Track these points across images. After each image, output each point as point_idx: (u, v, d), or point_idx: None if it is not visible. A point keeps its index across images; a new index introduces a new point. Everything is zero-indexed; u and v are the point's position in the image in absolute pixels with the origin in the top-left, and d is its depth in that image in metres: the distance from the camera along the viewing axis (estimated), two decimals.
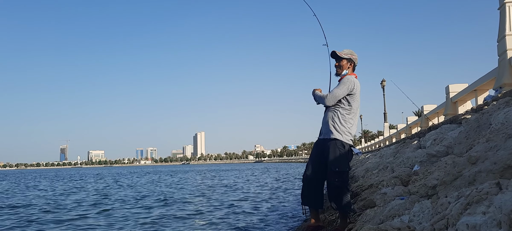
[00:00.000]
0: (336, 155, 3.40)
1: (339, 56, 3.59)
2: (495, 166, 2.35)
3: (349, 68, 3.62)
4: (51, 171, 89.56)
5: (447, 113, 10.59)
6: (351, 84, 3.46)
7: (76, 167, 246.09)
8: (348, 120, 3.49)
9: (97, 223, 6.71)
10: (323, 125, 3.60)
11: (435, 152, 4.97)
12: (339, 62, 3.61)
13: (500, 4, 7.43)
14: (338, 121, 3.47)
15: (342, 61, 3.59)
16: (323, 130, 3.57)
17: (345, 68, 3.60)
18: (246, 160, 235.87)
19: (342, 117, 3.48)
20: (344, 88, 3.44)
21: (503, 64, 7.12)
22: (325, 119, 3.57)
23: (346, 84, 3.45)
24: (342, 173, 3.38)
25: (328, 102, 3.45)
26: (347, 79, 3.49)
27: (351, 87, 3.46)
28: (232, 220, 6.55)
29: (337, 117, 3.48)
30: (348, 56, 3.59)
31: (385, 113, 28.63)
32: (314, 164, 3.58)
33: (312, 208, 3.67)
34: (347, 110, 3.49)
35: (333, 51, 3.63)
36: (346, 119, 3.49)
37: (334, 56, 3.64)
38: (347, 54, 3.59)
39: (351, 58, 3.60)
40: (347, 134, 3.49)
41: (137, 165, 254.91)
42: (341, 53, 3.60)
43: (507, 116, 3.60)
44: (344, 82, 3.47)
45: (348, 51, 3.62)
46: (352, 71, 3.64)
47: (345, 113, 3.49)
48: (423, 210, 2.36)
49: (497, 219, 1.55)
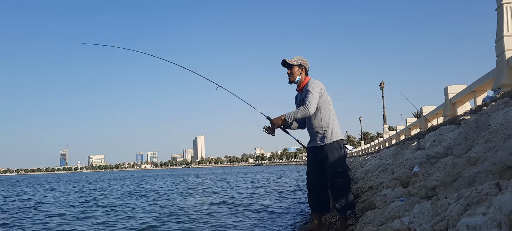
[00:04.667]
0: (335, 157, 3.43)
1: (290, 64, 3.65)
2: (494, 166, 2.35)
3: (302, 74, 3.67)
4: (49, 176, 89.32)
5: (446, 115, 10.60)
6: (318, 85, 3.53)
7: (76, 172, 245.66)
8: (331, 116, 3.56)
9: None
10: (311, 133, 3.63)
11: (435, 153, 4.98)
12: (291, 70, 3.66)
13: (498, 5, 7.46)
14: (324, 123, 3.52)
15: (294, 68, 3.65)
16: (315, 137, 3.59)
17: (297, 75, 3.65)
18: (246, 163, 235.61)
19: (325, 117, 3.53)
20: (316, 91, 3.49)
21: (501, 65, 7.14)
22: (312, 125, 3.60)
23: (315, 87, 3.51)
24: (344, 173, 3.43)
25: (312, 110, 3.45)
26: (312, 82, 3.54)
27: (319, 87, 3.53)
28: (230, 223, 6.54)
29: (321, 120, 3.53)
30: (298, 63, 3.65)
31: (384, 115, 28.68)
32: (314, 171, 3.62)
33: (317, 212, 3.69)
34: (325, 109, 3.54)
35: (283, 60, 3.69)
36: (330, 117, 3.55)
37: (285, 65, 3.69)
38: (297, 61, 3.65)
39: (301, 64, 3.66)
40: (338, 130, 3.55)
41: (137, 169, 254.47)
42: (291, 60, 3.66)
43: (506, 117, 3.61)
44: (313, 87, 3.51)
45: (298, 58, 3.69)
46: (305, 75, 3.69)
47: (326, 112, 3.54)
48: (423, 211, 2.36)
49: (497, 220, 1.55)
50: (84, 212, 9.28)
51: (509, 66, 6.88)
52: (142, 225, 6.74)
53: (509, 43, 7.06)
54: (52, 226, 7.31)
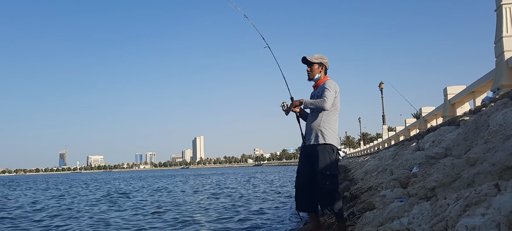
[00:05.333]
0: (326, 159, 3.41)
1: (310, 61, 3.64)
2: (493, 167, 2.35)
3: (321, 72, 3.67)
4: (48, 176, 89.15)
5: (445, 115, 10.60)
6: (336, 87, 3.54)
7: (75, 172, 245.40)
8: (333, 122, 3.54)
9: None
10: (308, 130, 3.60)
11: (434, 153, 4.98)
12: (311, 67, 3.66)
13: (497, 6, 7.47)
14: (324, 124, 3.50)
15: (313, 66, 3.65)
16: (310, 136, 3.56)
17: (316, 73, 3.65)
18: (245, 163, 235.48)
19: (328, 119, 3.51)
20: (333, 91, 3.49)
21: (500, 66, 7.15)
22: (311, 124, 3.57)
23: (333, 87, 3.51)
24: (332, 176, 3.39)
25: (327, 106, 3.43)
26: (331, 83, 3.54)
27: (337, 90, 3.53)
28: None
29: (323, 121, 3.51)
30: (318, 61, 3.65)
31: (383, 116, 28.71)
32: (305, 170, 3.58)
33: (311, 213, 3.67)
34: (332, 112, 3.52)
35: (303, 57, 3.68)
36: (331, 122, 3.52)
37: (305, 62, 3.68)
38: (318, 59, 3.65)
39: (322, 62, 3.66)
40: (335, 136, 3.53)
41: (136, 170, 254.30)
42: (312, 58, 3.65)
43: (505, 117, 3.61)
44: (331, 86, 3.51)
45: (318, 56, 3.68)
46: (324, 74, 3.69)
47: (330, 115, 3.52)
48: (423, 212, 2.36)
49: (496, 220, 1.55)
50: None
51: (508, 67, 6.89)
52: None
53: (508, 44, 7.06)
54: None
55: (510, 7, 7.26)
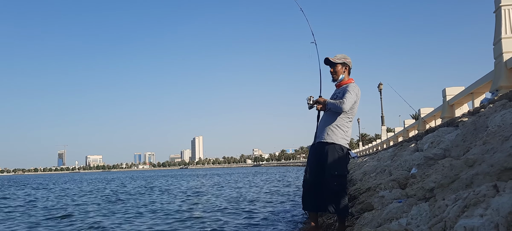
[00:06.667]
0: (335, 158, 3.40)
1: (333, 62, 3.59)
2: (492, 168, 2.35)
3: (345, 72, 3.62)
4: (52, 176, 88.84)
5: (444, 116, 10.61)
6: (359, 92, 3.52)
7: (74, 172, 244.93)
8: (346, 125, 3.51)
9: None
10: (320, 129, 3.58)
11: (433, 154, 4.98)
12: (334, 68, 3.61)
13: (496, 7, 7.48)
14: (337, 125, 3.48)
15: (337, 67, 3.60)
16: (321, 134, 3.55)
17: (340, 73, 3.61)
18: (244, 164, 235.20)
19: (342, 121, 3.49)
20: (354, 95, 3.46)
21: (499, 67, 7.16)
22: (323, 123, 3.56)
23: (355, 91, 3.48)
24: (340, 177, 3.38)
25: (346, 108, 3.40)
26: (355, 87, 3.52)
27: (359, 95, 3.51)
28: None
29: (336, 122, 3.49)
30: (341, 61, 3.60)
31: (382, 117, 28.72)
32: (313, 169, 3.55)
33: (312, 212, 3.65)
34: (347, 115, 3.50)
35: (326, 58, 3.63)
36: (344, 124, 3.50)
37: (328, 63, 3.63)
38: (341, 59, 3.60)
39: (345, 62, 3.61)
40: (346, 138, 3.50)
41: (135, 170, 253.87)
42: (334, 58, 3.60)
43: (504, 119, 3.61)
44: (354, 90, 3.48)
45: (341, 56, 3.63)
46: (348, 74, 3.65)
47: (345, 118, 3.49)
48: (421, 213, 2.35)
49: (494, 222, 1.55)
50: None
51: (507, 68, 6.90)
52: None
53: (507, 46, 7.07)
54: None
55: (509, 8, 7.27)
